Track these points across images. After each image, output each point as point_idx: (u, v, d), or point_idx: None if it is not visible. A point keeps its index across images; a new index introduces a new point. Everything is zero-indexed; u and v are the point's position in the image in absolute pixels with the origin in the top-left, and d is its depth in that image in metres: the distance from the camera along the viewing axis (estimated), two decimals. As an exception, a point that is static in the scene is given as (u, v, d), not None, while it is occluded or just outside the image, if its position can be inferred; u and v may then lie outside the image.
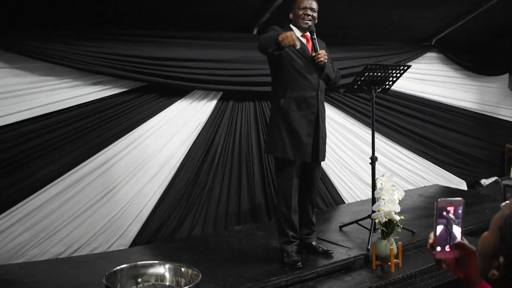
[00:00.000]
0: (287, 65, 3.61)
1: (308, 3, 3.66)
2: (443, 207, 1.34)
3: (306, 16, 3.65)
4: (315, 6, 3.69)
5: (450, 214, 1.34)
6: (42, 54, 3.78)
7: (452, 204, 1.34)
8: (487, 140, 6.94)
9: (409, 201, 5.35)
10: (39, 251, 3.89)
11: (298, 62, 3.61)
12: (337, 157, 5.52)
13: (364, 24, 5.36)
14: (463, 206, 1.35)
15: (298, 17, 3.67)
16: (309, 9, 3.65)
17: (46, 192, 3.93)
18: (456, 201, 1.34)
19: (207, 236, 4.50)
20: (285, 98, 3.60)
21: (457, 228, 1.35)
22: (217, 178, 4.74)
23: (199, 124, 4.63)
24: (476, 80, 6.77)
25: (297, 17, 3.68)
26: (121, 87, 4.22)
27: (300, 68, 3.61)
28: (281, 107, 3.61)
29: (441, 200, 1.34)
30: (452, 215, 1.34)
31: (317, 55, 3.59)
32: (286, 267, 3.58)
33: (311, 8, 3.66)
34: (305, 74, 3.62)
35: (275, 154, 3.66)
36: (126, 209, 4.28)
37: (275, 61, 3.64)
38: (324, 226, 4.58)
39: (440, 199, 1.34)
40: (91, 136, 4.11)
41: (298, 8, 3.66)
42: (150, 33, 4.31)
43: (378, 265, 3.71)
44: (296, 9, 3.67)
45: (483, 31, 6.46)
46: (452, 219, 1.34)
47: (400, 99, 6.08)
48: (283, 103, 3.60)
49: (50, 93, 3.92)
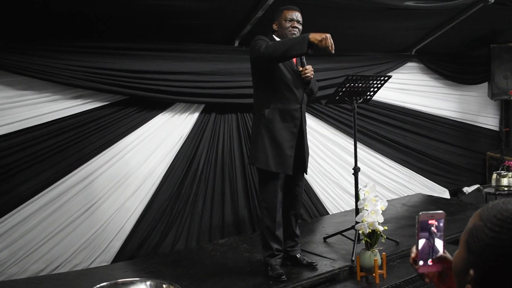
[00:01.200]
0: (276, 77, 3.57)
1: (295, 14, 3.65)
2: (424, 221, 1.32)
3: (293, 29, 3.63)
4: (300, 18, 3.68)
5: (432, 228, 1.33)
6: (21, 68, 3.74)
7: (433, 217, 1.33)
8: (469, 148, 7.00)
9: (392, 210, 5.36)
10: (18, 269, 3.81)
11: (287, 75, 3.59)
12: (320, 168, 5.52)
13: (344, 36, 5.38)
14: (445, 219, 1.34)
15: (285, 28, 3.64)
16: (295, 21, 3.64)
17: (26, 208, 3.86)
18: (438, 214, 1.33)
19: (191, 250, 4.46)
20: (269, 109, 3.57)
21: (439, 241, 1.33)
22: (200, 191, 4.70)
23: (181, 137, 4.60)
24: (456, 89, 6.85)
25: (283, 28, 3.64)
26: (102, 100, 4.19)
27: (288, 81, 3.59)
28: (265, 118, 3.57)
29: (422, 213, 1.33)
30: (434, 228, 1.33)
31: (304, 70, 3.59)
32: (270, 280, 3.55)
33: (297, 21, 3.65)
34: (292, 87, 3.60)
35: (258, 165, 3.63)
36: (108, 224, 4.22)
37: (264, 73, 3.58)
38: (308, 238, 4.56)
39: (421, 213, 1.33)
40: (71, 151, 4.05)
41: (285, 19, 3.64)
42: (131, 46, 4.28)
43: (362, 276, 3.70)
44: (282, 20, 3.64)
45: (462, 40, 6.56)
46: (434, 232, 1.33)
47: (382, 109, 6.11)
48: (267, 113, 3.57)
49: (29, 107, 3.86)
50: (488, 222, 1.09)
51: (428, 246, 1.33)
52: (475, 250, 1.10)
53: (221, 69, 4.67)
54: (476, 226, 1.12)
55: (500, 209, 1.10)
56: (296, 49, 3.31)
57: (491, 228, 1.08)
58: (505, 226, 1.06)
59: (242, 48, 4.82)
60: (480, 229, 1.10)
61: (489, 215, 1.10)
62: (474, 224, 1.13)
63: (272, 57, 3.38)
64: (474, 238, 1.11)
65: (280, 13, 3.68)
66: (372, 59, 5.92)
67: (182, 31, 4.40)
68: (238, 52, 4.82)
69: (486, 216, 1.11)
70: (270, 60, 3.41)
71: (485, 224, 1.10)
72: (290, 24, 3.63)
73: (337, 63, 5.53)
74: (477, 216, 1.14)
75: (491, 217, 1.09)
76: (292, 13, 3.65)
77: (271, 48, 3.39)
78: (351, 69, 5.45)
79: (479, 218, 1.13)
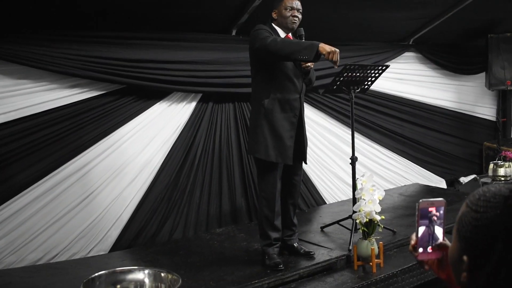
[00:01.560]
0: (277, 67, 3.56)
1: (295, 3, 3.62)
2: (424, 208, 1.33)
3: (293, 18, 3.61)
4: (300, 6, 3.65)
5: (432, 215, 1.33)
6: (17, 57, 3.72)
7: (433, 205, 1.33)
8: (466, 138, 7.02)
9: (389, 200, 5.37)
10: (16, 258, 3.81)
11: (288, 66, 3.58)
12: (317, 158, 5.52)
13: (342, 25, 5.38)
14: (445, 206, 1.35)
15: (285, 17, 3.61)
16: (296, 10, 3.62)
17: (23, 197, 3.85)
18: (438, 201, 1.33)
19: (188, 239, 4.46)
20: (269, 99, 3.56)
21: (439, 229, 1.34)
22: (198, 180, 4.70)
23: (178, 126, 4.59)
24: (453, 79, 6.85)
25: (283, 17, 3.62)
26: (99, 89, 4.17)
27: (288, 71, 3.58)
28: (265, 108, 3.56)
29: (422, 201, 1.33)
30: (434, 215, 1.33)
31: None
32: (267, 269, 3.56)
33: (297, 9, 3.63)
34: (292, 77, 3.60)
35: (258, 155, 3.62)
36: (105, 213, 4.23)
37: (266, 62, 3.56)
38: (305, 227, 4.58)
39: (422, 200, 1.33)
40: (68, 140, 4.04)
41: (285, 8, 3.60)
42: (128, 35, 4.26)
43: (359, 266, 3.72)
44: (282, 9, 3.61)
45: (459, 30, 6.54)
46: (434, 220, 1.34)
47: (379, 98, 6.11)
48: (267, 104, 3.56)
49: (25, 96, 3.85)
50: (473, 206, 1.12)
51: (427, 233, 1.34)
52: (465, 235, 1.12)
53: (219, 58, 4.66)
54: (464, 213, 1.15)
55: (483, 192, 1.13)
56: (303, 54, 3.33)
57: (476, 210, 1.11)
58: (488, 205, 1.09)
59: (239, 37, 4.80)
60: (467, 214, 1.13)
61: (473, 199, 1.14)
62: (462, 212, 1.16)
63: (277, 54, 3.39)
64: (463, 224, 1.13)
65: (280, 1, 3.64)
66: (370, 49, 5.91)
67: (179, 20, 4.38)
68: (235, 41, 4.80)
69: (471, 201, 1.14)
70: (274, 56, 3.42)
71: (470, 208, 1.13)
72: (290, 13, 3.60)
73: (335, 53, 5.50)
74: (464, 205, 1.17)
75: (475, 201, 1.13)
76: (292, 1, 3.61)
77: (278, 45, 3.37)
78: (349, 59, 5.42)
79: (465, 205, 1.16)
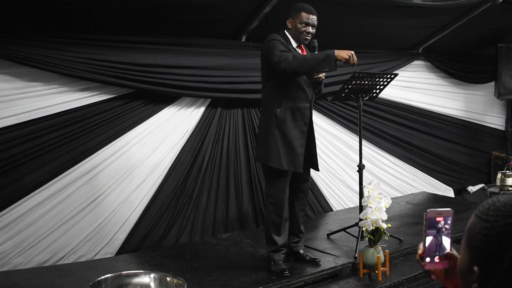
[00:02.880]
0: (290, 78, 3.56)
1: (311, 18, 3.59)
2: (432, 218, 1.33)
3: (307, 34, 3.61)
4: (316, 21, 3.63)
5: (439, 225, 1.33)
6: (29, 60, 3.75)
7: (441, 215, 1.33)
8: (474, 147, 6.99)
9: (396, 208, 5.36)
10: (23, 260, 3.84)
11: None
12: (325, 165, 5.52)
13: (352, 33, 5.38)
14: (452, 216, 1.34)
15: (299, 31, 3.60)
16: (311, 26, 3.60)
17: (31, 199, 3.88)
18: (446, 211, 1.33)
19: (194, 244, 4.47)
20: (281, 108, 3.57)
21: (446, 239, 1.34)
22: (205, 185, 4.71)
23: (186, 131, 4.61)
24: (462, 88, 6.83)
25: (297, 31, 3.60)
26: (109, 93, 4.20)
27: (300, 80, 3.59)
28: (277, 117, 3.57)
29: (430, 210, 1.33)
30: (442, 225, 1.34)
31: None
32: (273, 275, 3.56)
33: (313, 25, 3.61)
34: (303, 86, 3.62)
35: (271, 164, 3.60)
36: (113, 216, 4.24)
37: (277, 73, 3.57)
38: (312, 234, 4.57)
39: (430, 210, 1.33)
40: (77, 143, 4.07)
41: (300, 22, 3.58)
42: (139, 40, 4.29)
43: (365, 273, 3.71)
44: (298, 22, 3.59)
45: (469, 39, 6.53)
46: (442, 230, 1.33)
47: (388, 106, 6.11)
48: (279, 113, 3.57)
49: (36, 99, 3.88)
50: (484, 215, 1.12)
51: (435, 243, 1.33)
52: (475, 245, 1.11)
53: (228, 64, 4.68)
54: (473, 223, 1.14)
55: (492, 202, 1.13)
56: (323, 67, 3.44)
57: (486, 219, 1.10)
58: (499, 214, 1.09)
59: (249, 43, 4.82)
60: (477, 224, 1.12)
61: (483, 209, 1.13)
62: (472, 222, 1.15)
63: (294, 72, 3.45)
64: (472, 234, 1.13)
65: (297, 12, 3.60)
66: (379, 57, 5.91)
67: (189, 25, 4.40)
68: (245, 47, 4.82)
69: (481, 212, 1.13)
70: (291, 74, 3.47)
71: (480, 218, 1.12)
72: (305, 29, 3.59)
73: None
74: (473, 216, 1.16)
75: (485, 210, 1.12)
76: (309, 16, 3.59)
77: (295, 63, 3.39)
78: (358, 66, 5.36)
79: (475, 216, 1.15)
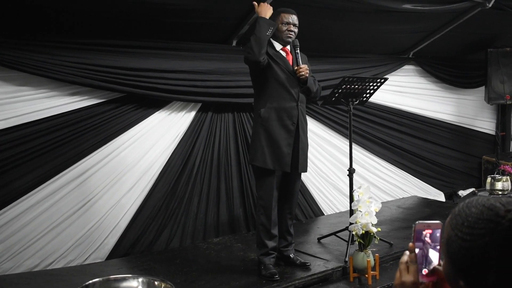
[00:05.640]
0: (270, 78, 3.64)
1: (291, 18, 3.71)
2: (420, 230, 1.32)
3: (289, 32, 3.70)
4: (296, 21, 3.74)
5: (427, 238, 1.32)
6: (18, 64, 3.74)
7: (429, 227, 1.31)
8: (465, 151, 7.02)
9: (387, 212, 5.38)
10: (13, 264, 3.82)
11: (280, 75, 3.64)
12: (316, 169, 5.54)
13: (343, 37, 5.41)
14: (442, 229, 1.33)
15: (281, 32, 3.70)
16: (292, 25, 3.70)
17: (21, 203, 3.87)
18: (434, 224, 1.31)
19: (185, 248, 4.47)
20: (265, 108, 3.64)
21: (433, 252, 1.32)
22: (196, 189, 4.71)
23: (177, 135, 4.61)
24: (453, 93, 6.87)
25: (279, 31, 3.71)
26: (99, 97, 4.19)
27: (282, 80, 3.65)
28: (261, 117, 3.64)
29: (419, 222, 1.32)
30: (429, 238, 1.32)
31: (299, 69, 3.64)
32: (263, 279, 3.57)
33: (294, 24, 3.72)
34: (287, 86, 3.66)
35: (255, 163, 3.67)
36: (103, 221, 4.23)
37: (258, 73, 3.66)
38: (302, 238, 4.58)
39: (418, 222, 1.32)
40: (67, 147, 4.06)
41: (281, 23, 3.70)
42: (129, 44, 4.29)
43: (355, 277, 3.72)
44: (279, 23, 3.70)
45: (459, 44, 6.58)
46: (429, 243, 1.32)
47: (379, 111, 6.13)
48: (263, 113, 3.63)
49: (25, 103, 3.87)
50: (459, 232, 1.10)
51: (422, 256, 1.32)
52: (456, 261, 1.11)
53: (219, 68, 4.69)
54: (450, 236, 1.13)
55: (465, 215, 1.11)
56: (263, 28, 3.51)
57: (462, 238, 1.09)
58: (474, 232, 1.07)
59: (239, 47, 4.83)
60: (454, 239, 1.11)
61: (457, 223, 1.12)
62: (448, 234, 1.14)
63: (254, 50, 3.51)
64: (452, 249, 1.12)
65: (277, 15, 3.73)
66: (370, 61, 5.94)
67: (180, 30, 4.41)
68: (235, 51, 4.83)
69: (455, 225, 1.12)
70: (255, 54, 3.50)
71: (456, 234, 1.11)
72: (286, 28, 3.70)
73: (334, 65, 5.55)
74: (448, 226, 1.15)
75: (459, 226, 1.11)
76: (289, 16, 3.71)
77: (251, 42, 3.51)
78: (348, 71, 5.47)
79: (450, 227, 1.14)
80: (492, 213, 1.07)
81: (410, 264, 1.30)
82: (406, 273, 1.30)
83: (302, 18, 3.79)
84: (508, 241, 1.04)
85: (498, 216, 1.07)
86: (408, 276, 1.30)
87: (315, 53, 5.09)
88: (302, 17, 3.79)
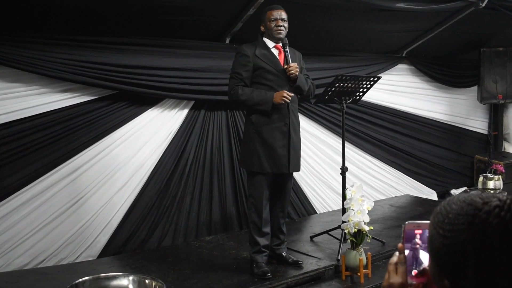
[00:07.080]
0: (258, 79, 3.65)
1: (278, 13, 3.69)
2: (410, 230, 1.29)
3: (278, 28, 3.68)
4: (284, 16, 3.71)
5: (417, 239, 1.29)
6: (10, 60, 3.72)
7: (420, 227, 1.28)
8: (457, 151, 7.04)
9: (380, 211, 5.39)
10: (3, 263, 3.79)
11: (269, 75, 3.64)
12: (309, 167, 5.53)
13: (336, 36, 5.41)
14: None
15: (271, 29, 3.69)
16: (279, 20, 3.68)
17: (12, 201, 3.84)
18: (424, 224, 1.28)
19: (177, 246, 4.45)
20: (256, 114, 3.65)
21: (424, 253, 1.29)
22: (188, 187, 4.69)
23: (170, 133, 4.59)
24: (446, 92, 6.88)
25: (269, 29, 3.70)
26: (91, 94, 4.17)
27: (270, 82, 3.64)
28: (253, 122, 3.66)
29: (408, 223, 1.29)
30: (419, 239, 1.29)
31: (289, 68, 3.63)
32: (255, 278, 3.57)
33: (281, 19, 3.69)
34: (276, 87, 3.64)
35: (253, 168, 3.67)
36: (95, 219, 4.21)
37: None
38: (295, 236, 4.58)
39: (408, 222, 1.29)
40: (59, 144, 4.04)
41: (269, 20, 3.69)
42: (122, 41, 4.26)
43: (347, 276, 3.72)
44: (267, 21, 3.70)
45: (452, 44, 6.59)
46: (419, 244, 1.29)
47: (372, 109, 6.13)
48: (254, 118, 3.66)
49: (17, 100, 3.84)
50: (440, 230, 1.09)
51: (412, 257, 1.29)
52: (439, 259, 1.09)
53: (212, 66, 4.67)
54: (432, 235, 1.12)
55: (445, 213, 1.10)
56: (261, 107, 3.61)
57: (444, 235, 1.08)
58: (454, 229, 1.06)
59: (233, 45, 4.82)
60: (436, 237, 1.10)
61: (438, 221, 1.10)
62: (431, 233, 1.13)
63: (242, 105, 3.79)
64: (435, 247, 1.10)
65: (264, 14, 3.73)
66: (363, 60, 5.94)
67: (173, 27, 4.39)
68: (228, 49, 4.81)
69: (436, 223, 1.11)
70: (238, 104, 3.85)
71: (438, 232, 1.10)
72: (274, 24, 3.67)
73: (328, 63, 5.54)
74: (431, 224, 1.13)
75: (441, 224, 1.09)
76: (275, 12, 3.69)
77: (243, 97, 3.62)
78: (342, 69, 5.46)
79: (432, 226, 1.12)
80: (471, 208, 1.06)
81: (399, 265, 1.28)
82: (394, 274, 1.28)
83: (296, 16, 3.79)
84: (484, 233, 1.02)
85: (476, 209, 1.05)
86: (396, 277, 1.27)
87: (309, 51, 5.08)
88: (296, 16, 3.78)
